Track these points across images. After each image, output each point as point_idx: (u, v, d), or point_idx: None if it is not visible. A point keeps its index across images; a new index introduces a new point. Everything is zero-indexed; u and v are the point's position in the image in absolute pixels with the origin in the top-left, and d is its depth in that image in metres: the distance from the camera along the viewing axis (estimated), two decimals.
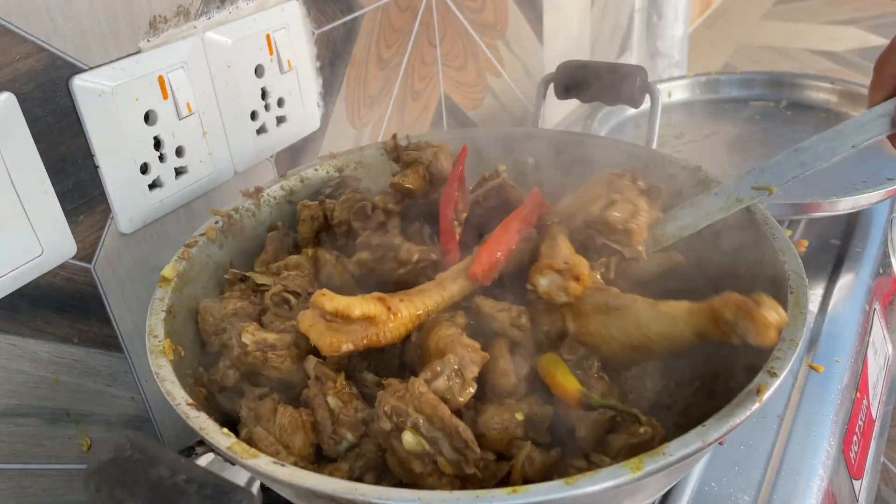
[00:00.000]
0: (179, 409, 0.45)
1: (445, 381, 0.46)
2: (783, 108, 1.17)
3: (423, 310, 0.52)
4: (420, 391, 0.45)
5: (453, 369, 0.47)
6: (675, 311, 0.46)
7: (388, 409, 0.45)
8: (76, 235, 0.60)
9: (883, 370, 0.91)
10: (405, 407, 0.45)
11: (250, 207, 0.68)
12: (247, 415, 0.51)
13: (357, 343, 0.49)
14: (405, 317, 0.50)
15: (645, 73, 0.75)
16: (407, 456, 0.45)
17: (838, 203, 0.85)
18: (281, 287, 0.57)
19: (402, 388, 0.46)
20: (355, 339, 0.49)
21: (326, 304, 0.48)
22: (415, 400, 0.45)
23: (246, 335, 0.52)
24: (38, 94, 0.56)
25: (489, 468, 0.46)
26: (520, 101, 1.26)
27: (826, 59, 2.33)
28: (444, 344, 0.49)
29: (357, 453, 0.49)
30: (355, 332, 0.49)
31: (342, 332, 0.49)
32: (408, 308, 0.51)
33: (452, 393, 0.46)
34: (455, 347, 0.48)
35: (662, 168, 0.68)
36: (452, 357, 0.47)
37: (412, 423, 0.45)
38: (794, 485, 0.62)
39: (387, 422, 0.45)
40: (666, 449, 0.40)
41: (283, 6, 0.75)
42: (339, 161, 0.74)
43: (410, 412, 0.45)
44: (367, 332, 0.49)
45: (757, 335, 0.42)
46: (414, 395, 0.45)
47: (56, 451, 0.63)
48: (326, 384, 0.50)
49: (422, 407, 0.45)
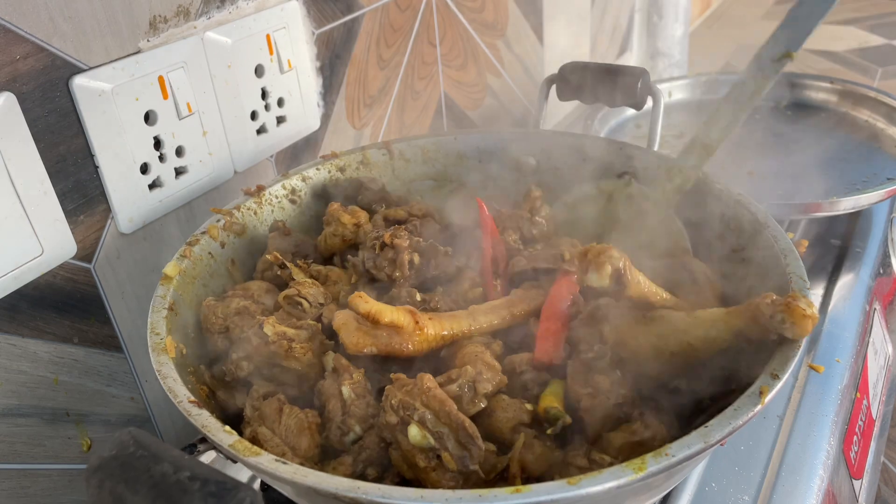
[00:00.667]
0: (181, 406, 0.45)
1: (456, 389, 0.47)
2: (783, 108, 1.17)
3: (450, 331, 0.53)
4: (428, 386, 0.46)
5: (468, 380, 0.48)
6: (715, 315, 0.48)
7: (395, 402, 0.46)
8: (76, 235, 0.60)
9: (883, 370, 0.91)
10: (412, 401, 0.45)
11: (252, 206, 0.68)
12: (251, 414, 0.51)
13: (380, 347, 0.51)
14: (430, 334, 0.52)
15: (647, 74, 0.75)
16: (411, 449, 0.45)
17: (838, 203, 0.85)
18: (296, 291, 0.58)
19: (409, 382, 0.47)
20: (379, 343, 0.51)
21: (361, 305, 0.50)
22: (422, 395, 0.45)
23: (268, 326, 0.53)
24: (38, 94, 0.56)
25: (489, 460, 0.47)
26: (520, 101, 1.26)
27: (826, 59, 2.33)
28: (468, 358, 0.50)
29: (361, 445, 0.49)
30: (381, 337, 0.51)
31: (369, 335, 0.51)
32: (434, 326, 0.52)
33: (461, 401, 0.47)
34: (476, 362, 0.49)
35: (662, 168, 0.68)
36: (470, 369, 0.48)
37: (419, 417, 0.45)
38: (794, 485, 0.62)
39: (393, 415, 0.46)
40: (668, 450, 0.40)
41: (283, 6, 0.75)
42: (340, 160, 0.74)
43: (417, 406, 0.45)
44: (392, 340, 0.51)
45: (794, 327, 0.45)
46: (422, 389, 0.46)
47: (56, 451, 0.63)
48: (343, 376, 0.51)
49: (429, 401, 0.45)
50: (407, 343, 0.51)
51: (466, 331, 0.54)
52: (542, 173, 0.75)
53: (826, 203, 0.85)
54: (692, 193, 0.64)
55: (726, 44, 2.44)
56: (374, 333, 0.51)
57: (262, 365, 0.54)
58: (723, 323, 0.47)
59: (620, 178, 0.70)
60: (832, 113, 1.13)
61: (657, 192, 0.59)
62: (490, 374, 0.49)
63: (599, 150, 0.72)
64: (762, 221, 0.58)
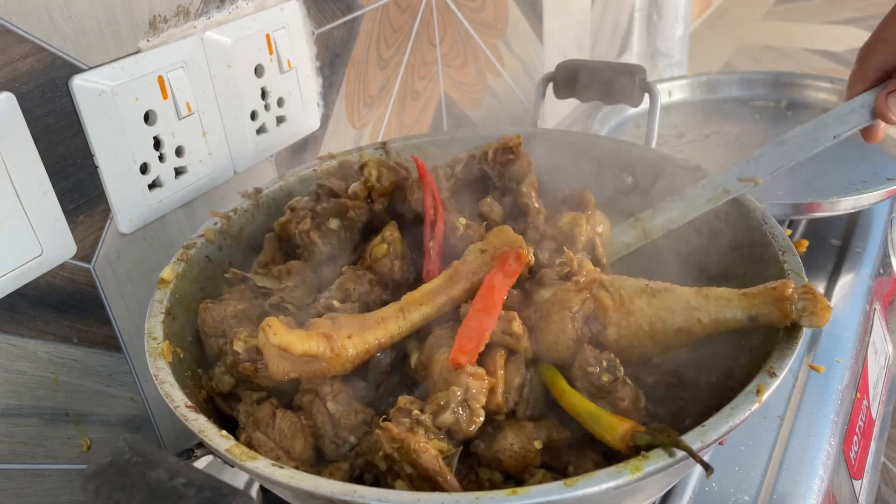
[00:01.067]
0: (178, 411, 0.45)
1: (452, 416, 0.44)
2: (783, 108, 1.17)
3: (375, 344, 0.50)
4: (416, 451, 0.43)
5: (458, 401, 0.45)
6: (728, 294, 0.48)
7: (382, 454, 0.44)
8: (76, 235, 0.60)
9: (883, 370, 0.91)
10: (401, 460, 0.43)
11: (249, 209, 0.68)
12: (245, 420, 0.51)
13: (302, 374, 0.49)
14: (351, 355, 0.49)
15: (644, 71, 0.75)
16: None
17: (838, 203, 0.85)
18: (279, 299, 0.57)
19: (399, 437, 0.43)
20: (301, 370, 0.48)
21: (270, 337, 0.47)
22: (411, 459, 0.43)
23: (238, 343, 0.52)
24: (37, 94, 0.56)
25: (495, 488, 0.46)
26: (520, 100, 1.26)
27: (826, 59, 2.33)
28: (447, 373, 0.47)
29: (357, 451, 0.49)
30: (301, 363, 0.48)
31: (289, 361, 0.48)
32: (355, 346, 0.49)
33: (460, 426, 0.45)
34: (459, 378, 0.46)
35: (662, 167, 0.68)
36: (457, 389, 0.45)
37: (407, 475, 0.43)
38: (794, 485, 0.62)
39: (382, 462, 0.45)
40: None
41: (283, 6, 0.75)
42: (338, 161, 0.74)
43: (405, 467, 0.43)
44: (312, 366, 0.48)
45: (813, 317, 0.46)
46: (409, 451, 0.43)
47: (56, 452, 0.63)
48: (323, 390, 0.50)
49: (418, 466, 0.43)
50: (329, 367, 0.48)
51: (398, 333, 0.51)
52: (539, 172, 0.75)
53: (826, 203, 0.85)
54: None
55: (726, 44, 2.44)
56: (293, 360, 0.48)
57: (242, 380, 0.53)
58: (738, 303, 0.47)
59: (617, 176, 0.71)
60: None
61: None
62: (476, 383, 0.46)
63: (597, 147, 0.72)
64: (760, 219, 0.58)
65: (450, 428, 0.45)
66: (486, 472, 0.47)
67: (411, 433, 0.44)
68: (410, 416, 0.45)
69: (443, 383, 0.47)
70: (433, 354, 0.50)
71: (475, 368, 0.47)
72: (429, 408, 0.45)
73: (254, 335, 0.53)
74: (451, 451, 0.45)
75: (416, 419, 0.44)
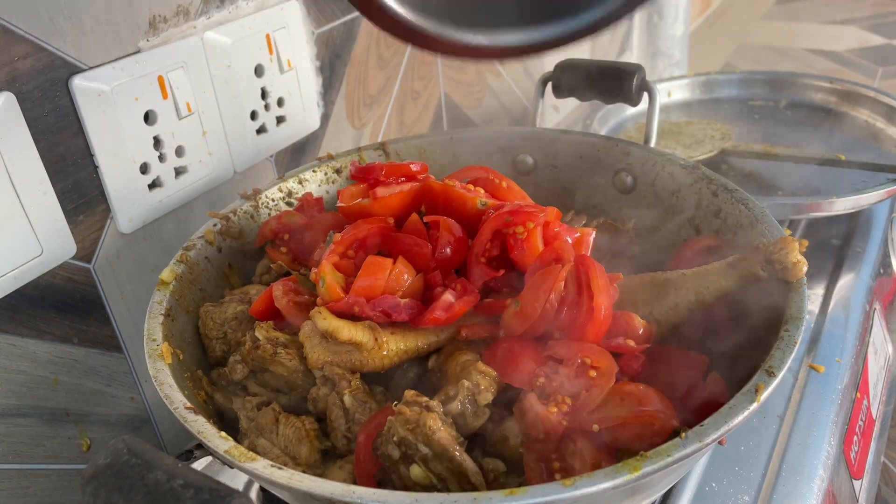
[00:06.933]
0: (178, 412, 0.45)
1: (458, 406, 0.47)
2: (783, 108, 1.17)
3: (414, 346, 0.52)
4: (432, 427, 0.44)
5: (467, 395, 0.47)
6: (720, 265, 0.55)
7: (397, 438, 0.45)
8: (76, 235, 0.60)
9: (883, 370, 0.91)
10: (415, 441, 0.44)
11: (249, 210, 0.68)
12: (247, 426, 0.51)
13: (340, 364, 0.50)
14: (392, 350, 0.51)
15: (643, 71, 0.75)
16: (412, 484, 0.45)
17: (838, 203, 0.85)
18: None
19: (413, 418, 0.45)
20: (339, 360, 0.50)
21: (319, 321, 0.49)
22: (426, 436, 0.44)
23: (260, 330, 0.53)
24: (37, 94, 0.56)
25: (498, 480, 0.46)
26: (520, 100, 1.26)
27: (826, 59, 2.33)
28: (461, 369, 0.50)
29: None
30: (341, 353, 0.50)
31: (329, 351, 0.50)
32: (396, 342, 0.51)
33: (465, 418, 0.47)
34: (471, 374, 0.48)
35: (662, 166, 0.68)
36: (467, 382, 0.48)
37: (422, 458, 0.44)
38: (794, 485, 0.62)
39: (395, 449, 0.45)
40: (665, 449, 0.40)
41: (283, 6, 0.75)
42: (336, 162, 0.74)
43: (420, 447, 0.44)
44: (352, 357, 0.50)
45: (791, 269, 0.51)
46: (425, 429, 0.44)
47: (56, 451, 0.63)
48: (341, 384, 0.50)
49: (433, 444, 0.44)
50: (367, 360, 0.50)
51: (433, 342, 0.53)
52: (539, 171, 0.75)
53: (826, 203, 0.85)
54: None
55: (726, 44, 2.44)
56: (334, 349, 0.50)
57: (255, 368, 0.54)
58: (732, 268, 0.53)
59: (616, 175, 0.71)
60: (832, 113, 1.13)
61: None
62: (486, 382, 0.48)
63: (596, 147, 0.72)
64: (758, 218, 0.58)
65: (456, 419, 0.47)
66: (490, 461, 0.48)
67: (426, 412, 0.45)
68: (420, 404, 0.46)
69: (456, 379, 0.49)
70: (451, 353, 0.52)
71: (486, 368, 0.49)
72: (438, 397, 0.48)
73: (276, 328, 0.54)
74: (458, 439, 0.46)
75: (427, 405, 0.46)
